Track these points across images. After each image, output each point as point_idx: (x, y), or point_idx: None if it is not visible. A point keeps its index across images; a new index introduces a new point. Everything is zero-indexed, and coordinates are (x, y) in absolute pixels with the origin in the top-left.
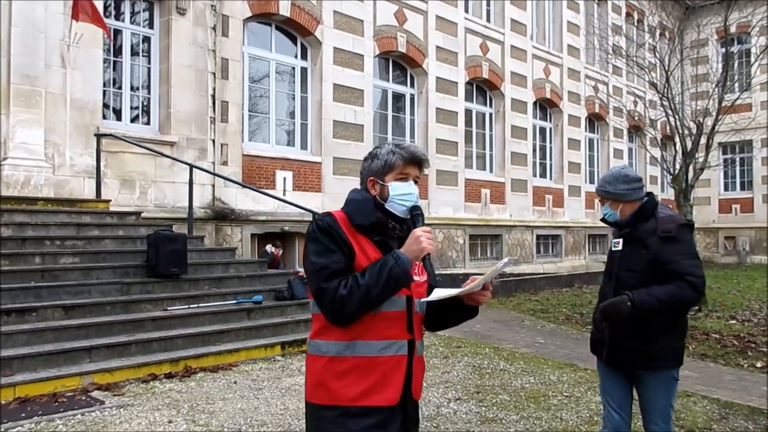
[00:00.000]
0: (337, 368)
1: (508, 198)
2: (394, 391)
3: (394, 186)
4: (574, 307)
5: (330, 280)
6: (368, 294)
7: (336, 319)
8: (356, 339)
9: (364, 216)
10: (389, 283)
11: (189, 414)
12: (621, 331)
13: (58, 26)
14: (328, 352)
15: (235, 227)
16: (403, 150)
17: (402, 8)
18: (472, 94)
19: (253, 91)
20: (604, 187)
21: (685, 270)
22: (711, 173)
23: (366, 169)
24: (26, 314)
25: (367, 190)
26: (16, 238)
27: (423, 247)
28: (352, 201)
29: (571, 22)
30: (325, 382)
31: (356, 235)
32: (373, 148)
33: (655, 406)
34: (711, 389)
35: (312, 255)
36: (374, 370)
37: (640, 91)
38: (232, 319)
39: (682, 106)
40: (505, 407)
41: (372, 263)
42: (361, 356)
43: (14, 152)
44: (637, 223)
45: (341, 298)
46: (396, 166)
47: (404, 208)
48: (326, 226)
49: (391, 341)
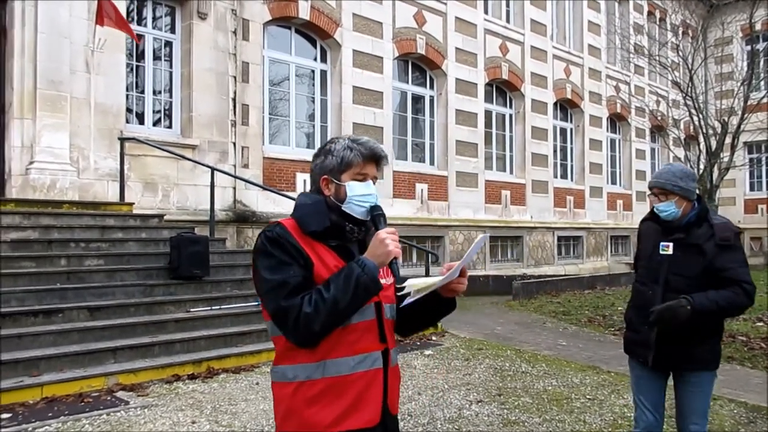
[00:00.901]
0: (307, 393)
1: (529, 199)
2: (374, 410)
3: (352, 186)
4: (596, 309)
5: (290, 297)
6: (336, 308)
7: (302, 341)
8: (325, 358)
9: (316, 221)
10: (358, 294)
11: (212, 415)
12: (668, 335)
13: (83, 31)
14: (296, 377)
15: (256, 229)
16: (361, 146)
17: (421, 10)
18: (492, 96)
19: (273, 94)
20: (675, 182)
21: (741, 278)
22: (736, 173)
23: (318, 167)
24: (52, 315)
25: (319, 190)
26: (43, 240)
27: (390, 250)
28: (301, 206)
29: (591, 22)
30: (295, 410)
31: (311, 243)
32: (325, 143)
33: (695, 407)
34: (738, 392)
35: (264, 271)
36: (349, 390)
37: (662, 90)
38: (253, 321)
39: (706, 105)
40: (527, 410)
41: (335, 273)
42: (332, 376)
43: (40, 156)
44: (691, 228)
45: (306, 317)
46: (354, 164)
47: (363, 209)
48: (276, 237)
49: (364, 354)
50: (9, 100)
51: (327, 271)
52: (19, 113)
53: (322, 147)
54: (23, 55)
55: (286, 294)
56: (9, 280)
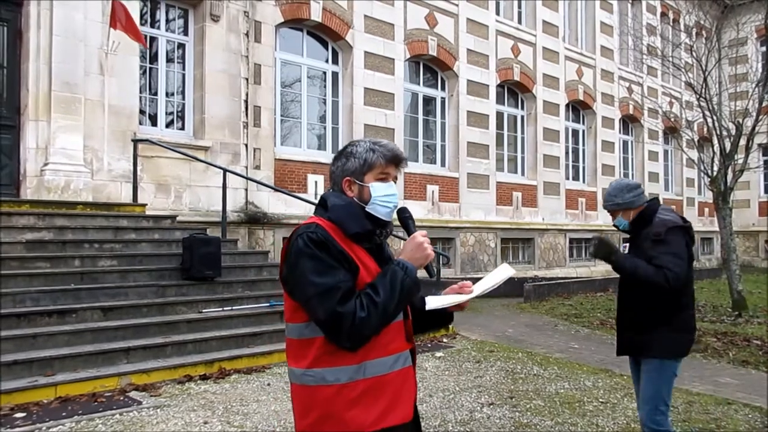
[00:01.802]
0: (349, 395)
1: (541, 201)
2: (408, 406)
3: (375, 187)
4: (608, 312)
5: (344, 302)
6: (386, 312)
7: (354, 345)
8: (365, 360)
9: (357, 223)
10: (403, 297)
11: (224, 415)
12: (623, 325)
13: (97, 34)
14: (337, 380)
15: (268, 230)
16: (383, 148)
17: (432, 11)
18: (504, 97)
19: (284, 96)
20: (613, 200)
21: (665, 264)
22: (750, 175)
23: (340, 169)
24: (66, 315)
25: (342, 191)
26: (57, 241)
27: (428, 254)
28: (337, 207)
29: (604, 23)
30: (336, 413)
31: (350, 245)
32: (344, 146)
33: (643, 392)
34: (753, 397)
35: (312, 275)
36: (387, 389)
37: (676, 91)
38: (265, 322)
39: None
40: (539, 413)
41: (380, 277)
42: (372, 377)
43: (55, 157)
44: (637, 228)
45: (361, 322)
46: (377, 165)
47: (388, 210)
48: (322, 239)
49: (398, 354)
50: (24, 102)
51: (368, 275)
52: (34, 115)
53: (342, 150)
54: (38, 58)
55: (340, 299)
56: (24, 280)
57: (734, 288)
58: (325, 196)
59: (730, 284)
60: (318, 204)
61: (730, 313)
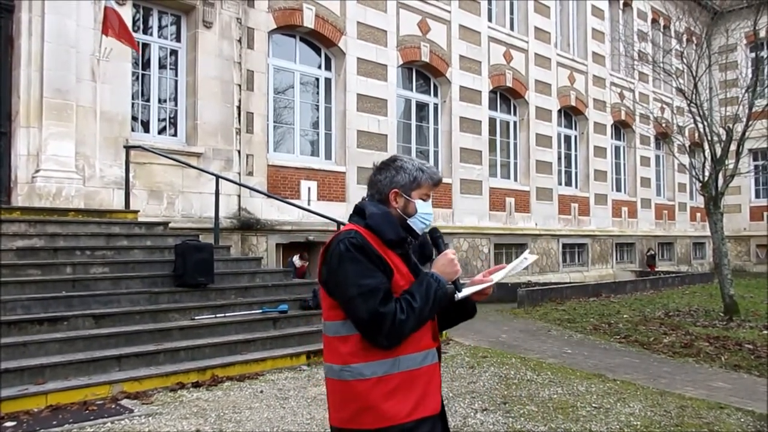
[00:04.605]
0: (385, 388)
1: (533, 206)
2: (436, 399)
3: (420, 204)
4: (601, 317)
5: (385, 303)
6: (421, 316)
7: (391, 344)
8: (399, 355)
9: (393, 230)
10: (435, 305)
11: (216, 423)
12: None
13: (89, 41)
14: (374, 374)
15: (261, 237)
16: (430, 170)
17: (425, 18)
18: (496, 103)
19: (277, 102)
20: None
21: None
22: (741, 180)
23: (389, 180)
24: (58, 323)
25: (384, 200)
26: (48, 248)
27: (457, 269)
28: (374, 215)
29: (595, 29)
30: (374, 405)
31: (386, 251)
32: (391, 159)
33: None
34: (745, 401)
35: (354, 276)
36: (418, 382)
37: (667, 97)
38: (258, 329)
39: (711, 112)
40: (532, 418)
41: (416, 285)
42: (406, 371)
43: (46, 164)
44: None
45: (400, 323)
46: (424, 185)
47: (424, 226)
48: (361, 244)
49: (427, 351)
50: (15, 109)
51: (401, 279)
52: (25, 122)
53: (389, 162)
54: (30, 65)
55: (381, 300)
56: (15, 287)
57: (726, 292)
58: (362, 205)
59: (722, 289)
60: (354, 212)
61: (722, 317)
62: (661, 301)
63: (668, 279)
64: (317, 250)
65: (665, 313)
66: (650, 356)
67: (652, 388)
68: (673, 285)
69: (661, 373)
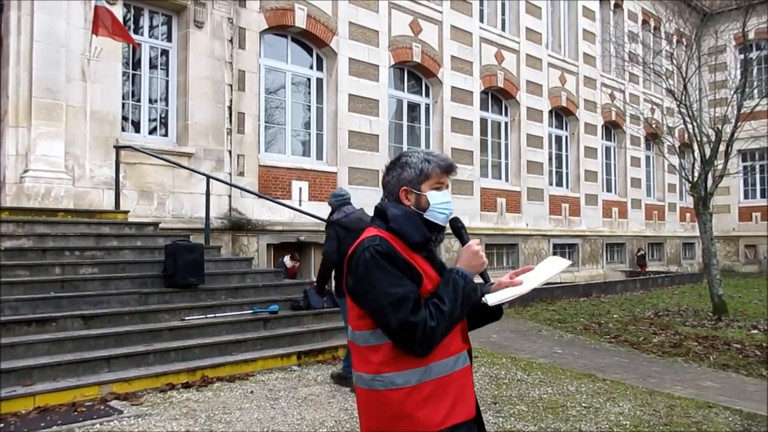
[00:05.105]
0: (419, 396)
1: (524, 207)
2: (471, 403)
3: (432, 195)
4: (592, 317)
5: (416, 312)
6: (452, 319)
7: (425, 352)
8: (431, 362)
9: (418, 232)
10: (465, 305)
11: (206, 424)
12: None
13: (79, 40)
14: (407, 383)
15: (252, 237)
16: (437, 158)
17: (417, 18)
18: (488, 103)
19: (269, 102)
20: None
21: None
22: (730, 181)
23: (396, 179)
24: (46, 324)
25: (397, 200)
26: (37, 249)
27: (483, 261)
28: (397, 217)
29: (586, 30)
30: (409, 413)
31: (411, 254)
32: (396, 157)
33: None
34: (733, 400)
35: (382, 285)
36: (451, 388)
37: (657, 98)
38: (248, 329)
39: (701, 113)
40: (522, 418)
41: (442, 285)
42: (439, 377)
43: (35, 164)
44: None
45: (431, 330)
46: (432, 175)
47: (445, 215)
48: (387, 251)
49: (458, 355)
50: (4, 109)
51: (429, 282)
52: (14, 121)
53: (395, 161)
54: (19, 64)
55: (411, 309)
56: (3, 288)
57: (715, 292)
58: (383, 206)
59: (711, 289)
60: (375, 215)
61: (711, 317)
62: (651, 301)
63: (658, 279)
64: (308, 251)
65: (655, 313)
66: (640, 356)
67: (642, 388)
68: (663, 285)
69: (650, 373)
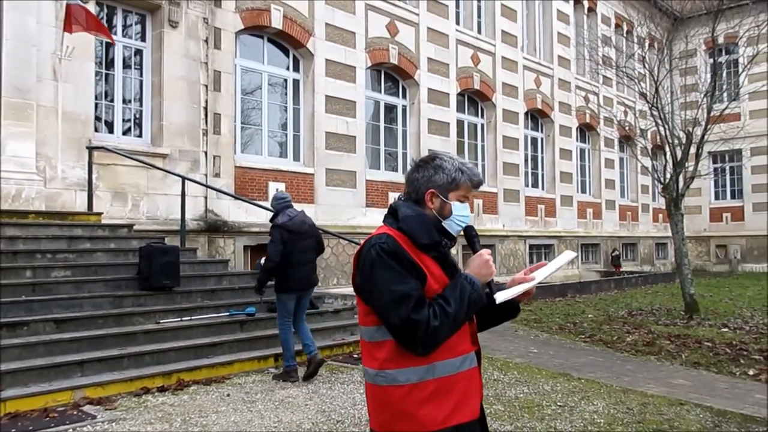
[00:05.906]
0: (420, 395)
1: (501, 208)
2: (475, 404)
3: (456, 206)
4: (567, 317)
5: (418, 310)
6: (455, 322)
7: (426, 351)
8: (434, 361)
9: (427, 234)
10: (470, 309)
11: (182, 427)
12: None
13: (50, 39)
14: (408, 381)
15: (228, 239)
16: (470, 171)
17: (394, 20)
18: (464, 105)
19: (245, 103)
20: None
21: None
22: (701, 182)
23: (426, 179)
24: (17, 328)
25: (420, 200)
26: (7, 251)
27: (492, 270)
28: (408, 218)
29: (561, 33)
30: (409, 411)
31: (419, 254)
32: (430, 157)
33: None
34: (704, 397)
35: (386, 283)
36: (455, 388)
37: (630, 101)
38: (225, 332)
39: (672, 116)
40: (499, 417)
41: (449, 288)
42: (442, 377)
43: (5, 165)
44: None
45: (434, 330)
46: (462, 187)
47: (460, 228)
48: (393, 249)
49: (465, 356)
50: None
51: (435, 283)
52: None
53: (427, 160)
54: None
55: (414, 306)
56: None
57: (687, 292)
58: (396, 205)
59: (683, 288)
60: (388, 213)
61: (683, 316)
62: (625, 300)
63: (632, 279)
64: None
65: (628, 313)
66: (614, 355)
67: (616, 386)
68: (637, 285)
69: (624, 372)
